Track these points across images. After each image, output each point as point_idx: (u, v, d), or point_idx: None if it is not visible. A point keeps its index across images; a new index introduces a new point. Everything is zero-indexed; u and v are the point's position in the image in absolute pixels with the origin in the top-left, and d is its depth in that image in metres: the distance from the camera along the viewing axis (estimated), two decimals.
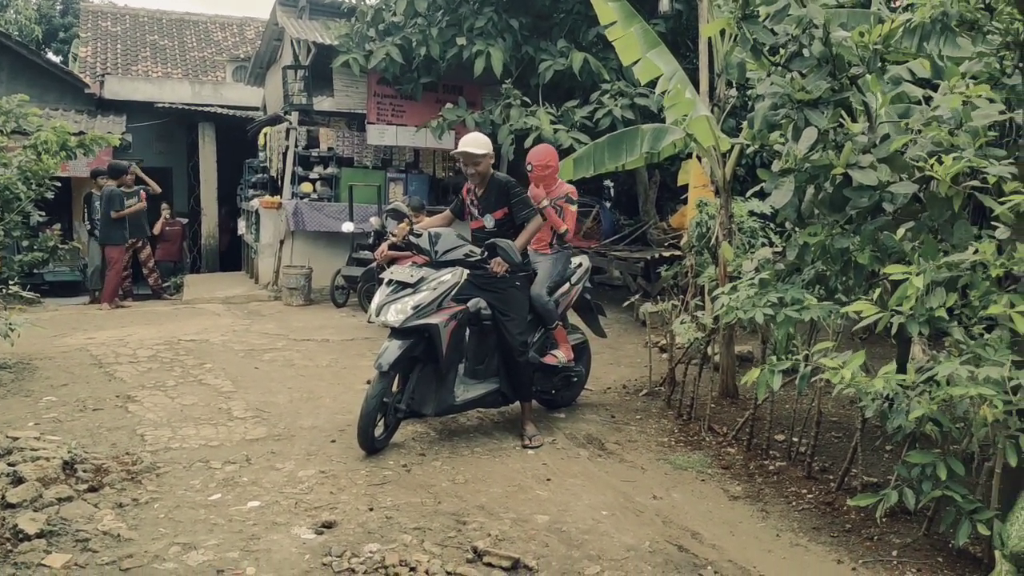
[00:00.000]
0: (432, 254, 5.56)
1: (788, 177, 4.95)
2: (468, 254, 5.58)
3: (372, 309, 5.41)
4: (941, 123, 4.73)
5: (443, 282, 5.38)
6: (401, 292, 5.35)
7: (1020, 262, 3.77)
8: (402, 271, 5.51)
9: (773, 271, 5.32)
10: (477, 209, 5.89)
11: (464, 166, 5.70)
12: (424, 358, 5.42)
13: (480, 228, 5.88)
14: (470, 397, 5.70)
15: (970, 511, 3.83)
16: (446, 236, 5.65)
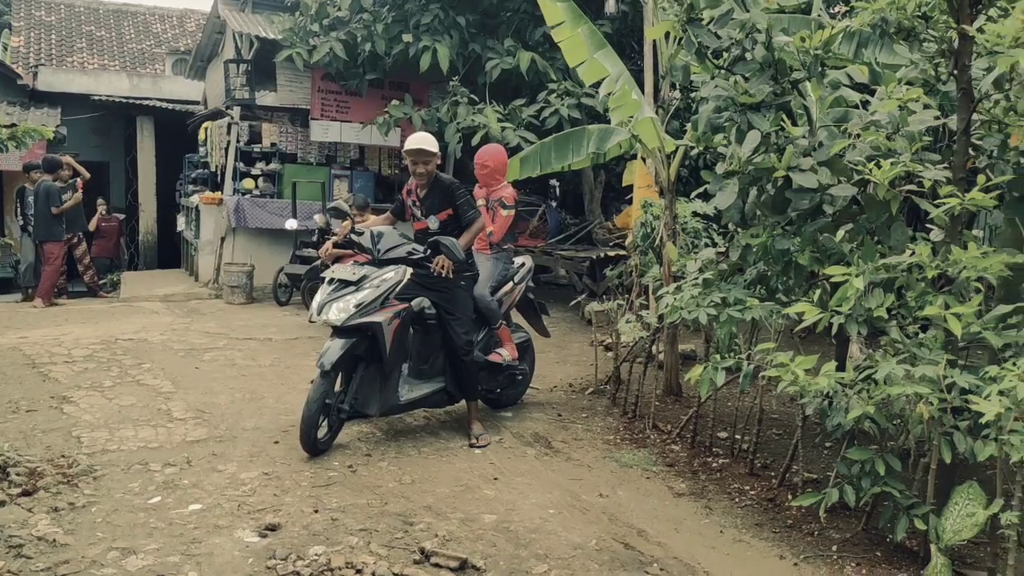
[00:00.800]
0: (375, 252, 5.49)
1: (732, 179, 5.03)
2: (411, 252, 5.51)
3: (313, 308, 5.32)
4: (879, 128, 4.85)
5: (386, 280, 5.32)
6: (343, 290, 5.27)
7: (954, 264, 3.89)
8: (344, 269, 5.43)
9: (716, 271, 5.40)
10: (420, 210, 5.78)
11: (413, 164, 5.58)
12: (367, 357, 5.35)
13: (424, 229, 5.79)
14: (415, 397, 5.64)
15: (907, 506, 3.94)
16: (388, 235, 5.56)
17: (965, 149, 4.12)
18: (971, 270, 3.83)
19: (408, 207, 5.88)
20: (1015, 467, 3.43)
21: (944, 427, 3.79)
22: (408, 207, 5.88)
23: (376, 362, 5.37)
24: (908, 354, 3.99)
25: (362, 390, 5.40)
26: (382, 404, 5.46)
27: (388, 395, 5.47)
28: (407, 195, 5.87)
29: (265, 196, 12.93)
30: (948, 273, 3.98)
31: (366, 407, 5.43)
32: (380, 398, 5.44)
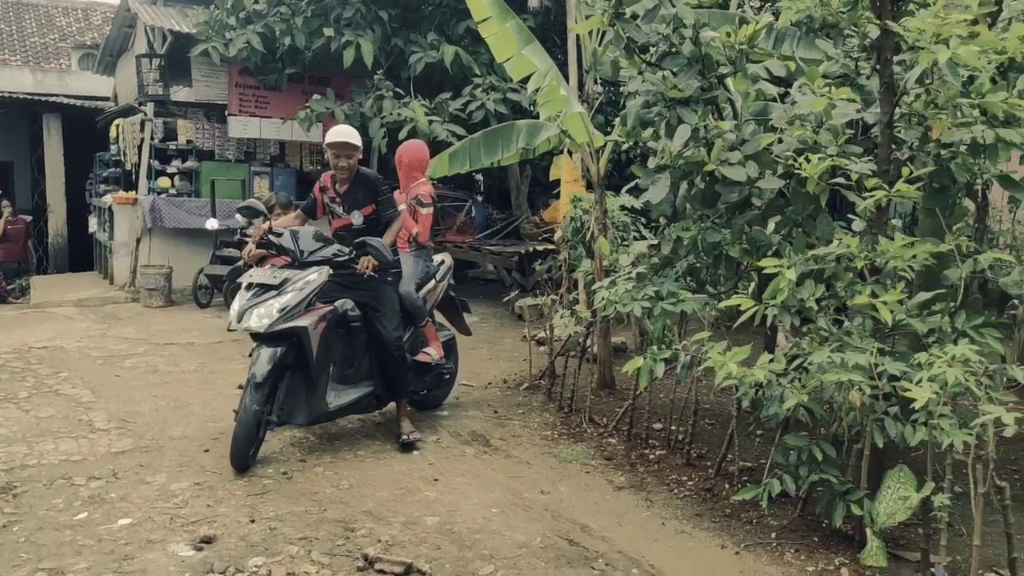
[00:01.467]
0: (297, 254, 5.24)
1: (664, 174, 5.07)
2: (336, 253, 5.30)
3: (233, 315, 5.04)
4: (804, 121, 4.95)
5: (309, 282, 5.09)
6: (264, 295, 5.02)
7: (882, 254, 4.00)
8: (263, 273, 5.17)
9: (649, 265, 5.45)
10: (341, 206, 5.54)
11: (335, 158, 5.36)
12: (294, 364, 5.12)
13: (346, 226, 5.53)
14: (343, 403, 5.44)
15: (843, 492, 4.04)
16: (308, 234, 5.32)
17: (889, 142, 4.24)
18: (898, 260, 3.94)
19: (323, 204, 5.63)
20: (945, 451, 3.54)
21: (876, 413, 3.90)
22: (323, 204, 5.63)
23: (302, 369, 5.16)
24: (838, 342, 4.09)
25: (289, 399, 5.16)
26: (309, 412, 5.24)
27: (316, 402, 5.26)
28: (321, 191, 5.61)
29: (182, 195, 12.54)
30: (876, 263, 4.09)
31: (293, 416, 5.20)
32: (307, 406, 5.22)
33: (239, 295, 5.13)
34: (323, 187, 5.57)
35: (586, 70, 7.79)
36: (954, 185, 4.26)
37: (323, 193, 5.58)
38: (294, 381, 5.18)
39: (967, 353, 3.53)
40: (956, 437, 3.46)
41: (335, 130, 5.43)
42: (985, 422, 3.23)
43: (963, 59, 3.53)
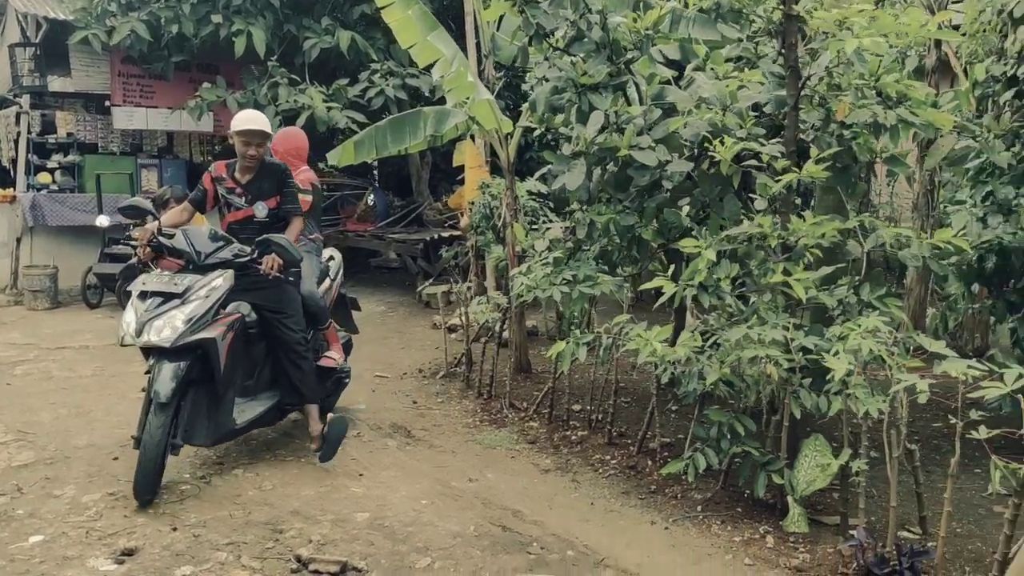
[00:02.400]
0: (194, 256, 4.70)
1: (579, 160, 5.12)
2: (238, 253, 4.76)
3: (129, 328, 4.44)
4: (709, 105, 5.08)
5: (215, 288, 4.60)
6: (165, 305, 4.47)
7: (794, 233, 4.16)
8: (159, 279, 4.59)
9: (565, 250, 5.51)
10: (243, 197, 5.00)
11: (244, 146, 4.85)
12: (198, 379, 4.60)
13: (248, 219, 5.00)
14: (250, 418, 4.95)
15: (763, 463, 4.20)
16: (203, 234, 4.81)
17: (795, 124, 4.40)
18: (809, 237, 4.11)
19: (217, 196, 5.07)
20: (861, 419, 3.72)
21: (793, 386, 4.06)
22: (217, 196, 5.07)
23: (207, 384, 4.65)
24: (755, 319, 4.23)
25: (192, 418, 4.62)
26: (216, 431, 4.75)
27: (222, 420, 4.77)
28: (214, 182, 5.03)
29: (65, 191, 11.88)
30: (787, 241, 4.24)
31: (195, 437, 4.68)
32: (213, 424, 4.73)
33: (133, 305, 4.55)
34: (217, 177, 5.03)
35: (485, 55, 7.79)
36: (856, 164, 4.46)
37: (217, 184, 5.03)
38: (198, 397, 4.66)
39: (878, 324, 3.72)
40: (871, 405, 3.64)
41: (245, 116, 4.97)
42: (900, 390, 3.40)
43: (869, 47, 3.69)
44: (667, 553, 3.91)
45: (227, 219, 5.10)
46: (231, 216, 5.07)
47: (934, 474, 4.56)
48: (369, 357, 7.83)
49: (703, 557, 3.87)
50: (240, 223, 5.03)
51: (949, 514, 3.47)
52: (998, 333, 7.44)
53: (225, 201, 5.05)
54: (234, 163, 4.98)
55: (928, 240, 4.32)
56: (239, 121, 4.92)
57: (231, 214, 5.06)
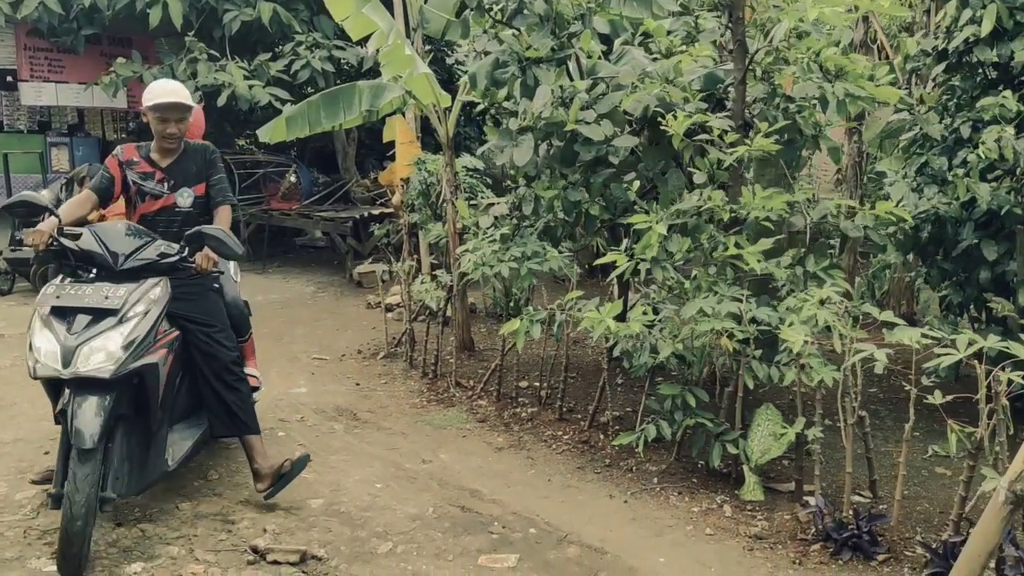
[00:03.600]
0: (110, 259, 3.73)
1: (527, 135, 5.06)
2: (164, 253, 3.89)
3: (46, 358, 3.49)
4: (651, 79, 5.07)
5: (155, 300, 3.75)
6: (98, 325, 3.55)
7: (745, 206, 4.20)
8: (79, 291, 3.63)
9: (512, 226, 5.46)
10: (163, 183, 4.16)
11: (162, 123, 4.06)
12: (124, 415, 3.69)
13: (167, 208, 4.17)
14: (182, 455, 4.10)
15: (717, 434, 4.26)
16: (118, 232, 3.90)
17: (742, 98, 4.43)
18: (759, 210, 4.15)
19: (126, 183, 4.18)
20: (815, 388, 3.80)
21: (746, 357, 4.12)
22: (126, 183, 4.18)
23: (134, 419, 3.78)
24: (706, 292, 4.27)
25: (120, 463, 3.67)
26: (146, 476, 3.85)
27: (153, 462, 3.88)
28: (123, 167, 4.18)
29: None
30: (739, 215, 4.28)
31: (129, 486, 3.73)
32: (142, 469, 3.81)
33: (48, 326, 3.54)
34: (126, 161, 4.18)
35: (413, 28, 7.63)
36: (800, 137, 4.53)
37: (126, 168, 4.17)
38: (127, 437, 3.75)
39: (831, 294, 3.79)
40: (825, 375, 3.72)
41: (160, 88, 4.12)
42: (858, 359, 3.47)
43: (827, 18, 3.73)
44: (628, 526, 3.94)
45: (139, 210, 4.20)
46: (145, 207, 4.19)
47: (876, 439, 4.70)
48: (305, 339, 7.66)
49: (664, 529, 3.91)
50: (157, 214, 4.17)
51: (904, 477, 3.58)
52: (922, 300, 7.72)
53: (138, 189, 4.16)
54: (147, 145, 4.23)
55: (871, 211, 4.42)
56: (153, 94, 4.09)
57: (145, 204, 4.18)
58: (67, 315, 3.57)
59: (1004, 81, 4.92)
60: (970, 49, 4.93)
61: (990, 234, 4.74)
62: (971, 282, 5.01)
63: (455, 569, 3.56)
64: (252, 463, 4.24)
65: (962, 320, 5.42)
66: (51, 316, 3.57)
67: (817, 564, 3.52)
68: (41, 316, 3.57)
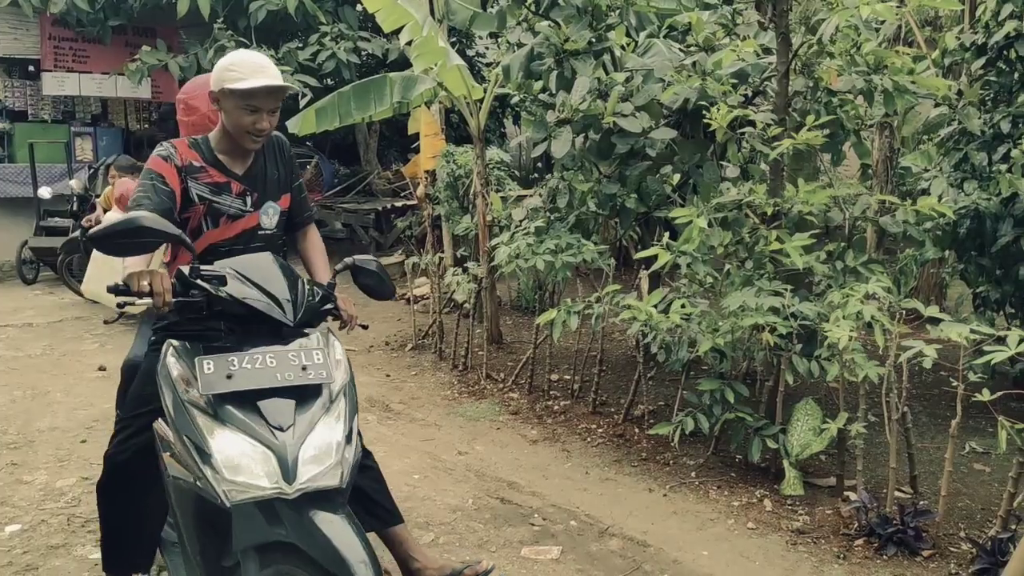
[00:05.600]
0: (284, 310, 2.47)
1: (565, 127, 5.05)
2: (313, 294, 2.64)
3: (259, 469, 2.20)
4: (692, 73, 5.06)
5: (344, 361, 2.59)
6: (307, 410, 2.34)
7: (787, 200, 4.18)
8: (264, 362, 2.35)
9: (546, 219, 5.46)
10: (243, 197, 2.85)
11: (251, 115, 2.69)
12: None
13: (249, 231, 2.87)
14: None
15: (757, 428, 4.25)
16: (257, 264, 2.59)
17: (786, 91, 4.40)
18: (804, 205, 4.14)
19: (193, 198, 2.76)
20: (859, 383, 3.79)
21: (787, 352, 4.11)
22: (193, 198, 2.76)
23: None
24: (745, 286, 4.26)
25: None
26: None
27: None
28: (182, 174, 2.76)
29: None
30: (781, 209, 4.27)
31: None
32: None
33: (234, 422, 2.26)
34: (186, 166, 2.77)
35: (438, 19, 7.62)
36: (842, 132, 4.50)
37: (188, 177, 2.77)
38: None
39: (876, 289, 3.78)
40: (870, 370, 3.70)
41: (246, 62, 2.71)
42: (908, 355, 3.46)
43: (880, 13, 3.71)
44: (670, 519, 3.94)
45: (208, 237, 2.82)
46: (219, 232, 2.82)
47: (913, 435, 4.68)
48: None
49: (706, 522, 3.91)
50: (234, 242, 2.83)
51: (949, 474, 3.57)
52: (951, 296, 7.69)
53: (208, 207, 2.79)
54: (204, 140, 2.86)
55: (912, 207, 4.39)
56: (239, 70, 2.67)
57: (220, 229, 2.82)
58: (251, 402, 2.30)
59: None
60: (1011, 44, 4.90)
61: None
62: (1009, 278, 4.99)
63: (499, 560, 3.57)
64: (410, 562, 3.09)
65: (998, 316, 5.39)
66: (231, 407, 2.28)
67: (862, 559, 3.51)
68: (206, 408, 2.27)
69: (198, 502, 2.31)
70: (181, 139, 2.87)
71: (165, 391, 2.38)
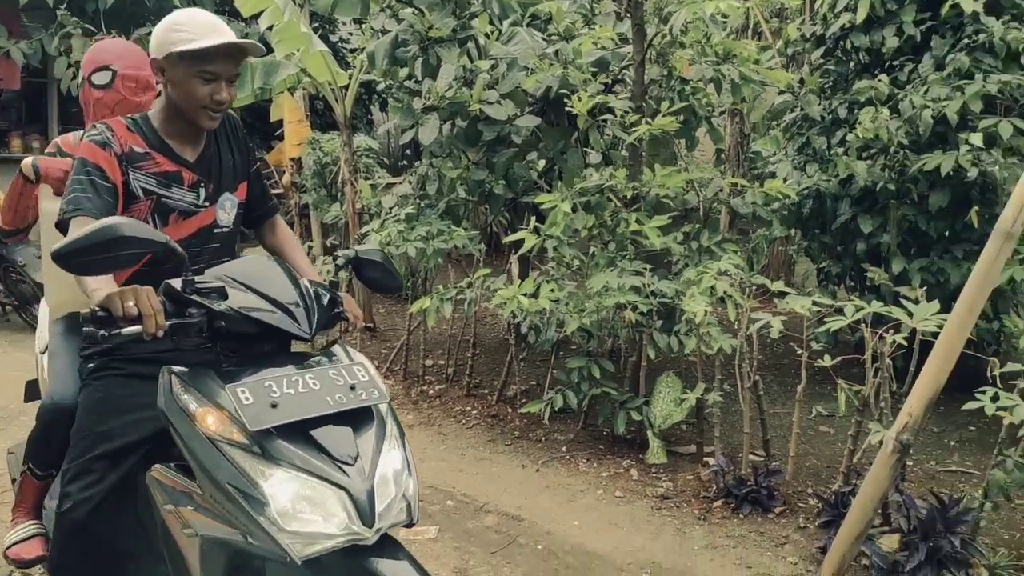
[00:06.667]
0: (300, 320, 2.00)
1: (432, 115, 5.10)
2: (336, 298, 2.20)
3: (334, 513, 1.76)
4: (553, 61, 5.21)
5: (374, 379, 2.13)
6: (361, 437, 1.91)
7: (646, 184, 4.38)
8: (306, 384, 1.91)
9: (416, 206, 5.50)
10: (196, 189, 2.36)
11: (206, 84, 2.21)
12: None
13: (205, 229, 2.40)
14: None
15: (622, 402, 4.45)
16: (257, 270, 2.08)
17: (642, 79, 4.60)
18: (661, 188, 4.35)
19: (136, 192, 2.27)
20: (714, 355, 4.03)
21: (648, 328, 4.33)
22: (136, 192, 2.27)
23: None
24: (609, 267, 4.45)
25: None
26: None
27: None
28: (125, 163, 2.25)
29: None
30: (640, 193, 4.47)
31: None
32: None
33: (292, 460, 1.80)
34: (127, 154, 2.26)
35: (299, 4, 7.51)
36: (695, 118, 4.75)
37: (130, 167, 2.26)
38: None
39: (728, 266, 4.02)
40: (723, 343, 3.95)
41: (195, 20, 2.23)
42: (757, 327, 3.71)
43: (723, 9, 3.93)
44: (542, 493, 4.08)
45: (178, 233, 2.36)
46: (170, 233, 2.25)
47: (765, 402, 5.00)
48: None
49: (576, 494, 4.07)
50: (189, 243, 2.32)
51: (797, 435, 3.86)
52: (798, 272, 8.20)
53: (156, 202, 2.30)
54: (143, 120, 2.33)
55: (760, 189, 4.69)
56: (188, 31, 2.19)
57: (170, 228, 2.33)
58: (299, 433, 1.85)
59: (877, 65, 5.28)
60: (846, 35, 5.27)
61: (865, 209, 5.10)
62: (848, 254, 5.38)
63: None
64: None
65: (839, 290, 5.81)
66: (281, 442, 1.83)
67: (720, 519, 3.75)
68: (249, 446, 1.80)
69: (234, 561, 1.87)
70: (116, 119, 2.31)
71: (181, 431, 1.89)
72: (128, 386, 2.27)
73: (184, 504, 1.98)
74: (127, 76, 2.95)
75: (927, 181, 4.73)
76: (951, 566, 3.10)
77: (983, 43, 4.57)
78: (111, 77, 2.96)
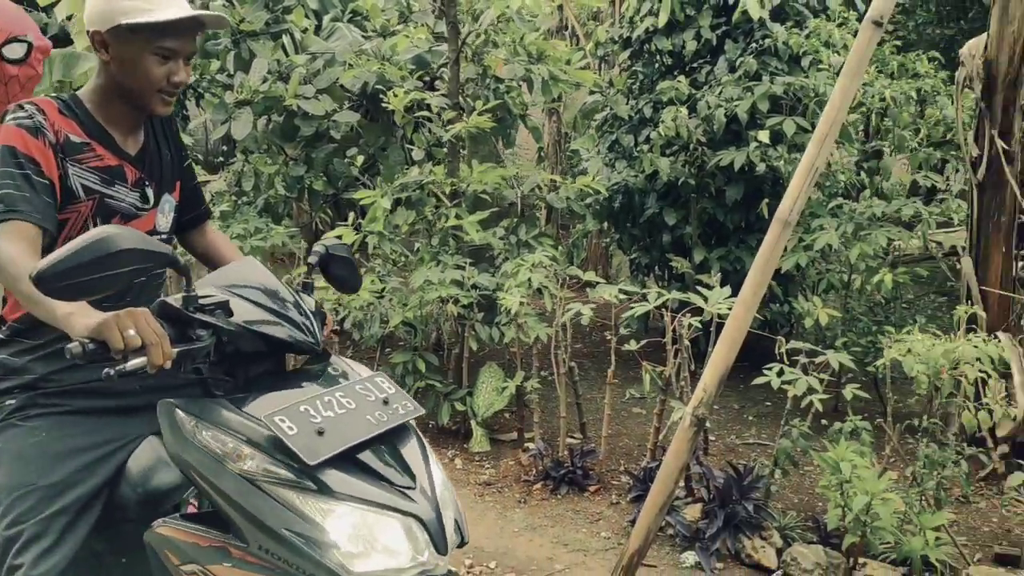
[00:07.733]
0: (304, 332, 1.76)
1: (245, 109, 4.99)
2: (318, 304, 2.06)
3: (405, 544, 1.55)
4: (371, 57, 5.22)
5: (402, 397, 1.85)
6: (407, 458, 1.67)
7: (464, 180, 4.48)
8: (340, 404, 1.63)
9: (232, 203, 5.36)
10: (143, 187, 1.96)
11: (161, 64, 1.83)
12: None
13: (149, 234, 1.87)
14: None
15: (446, 394, 4.54)
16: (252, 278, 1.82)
17: (457, 77, 4.70)
18: (478, 184, 4.46)
19: (75, 190, 1.83)
20: (531, 344, 4.19)
21: (470, 321, 4.44)
22: (75, 190, 1.83)
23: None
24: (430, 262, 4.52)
25: None
26: None
27: None
28: (60, 154, 1.79)
29: None
30: (459, 189, 4.57)
31: None
32: None
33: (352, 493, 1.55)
34: (62, 143, 1.80)
35: None
36: (510, 116, 4.90)
37: (68, 160, 1.81)
38: None
39: (543, 259, 4.19)
40: (540, 331, 4.12)
41: None
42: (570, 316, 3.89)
43: (531, 8, 4.08)
44: None
45: None
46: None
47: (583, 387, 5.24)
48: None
49: None
50: None
51: (609, 417, 4.08)
52: (615, 263, 8.60)
53: (98, 202, 1.88)
54: (74, 101, 1.89)
55: (572, 185, 4.90)
56: None
57: (120, 223, 1.94)
58: (346, 459, 1.62)
59: (678, 67, 5.61)
60: (650, 38, 5.58)
61: (670, 203, 5.43)
62: (655, 245, 5.71)
63: None
64: None
65: (649, 279, 6.15)
66: (334, 471, 1.59)
67: (540, 500, 3.92)
68: (298, 482, 1.54)
69: None
70: (45, 99, 1.84)
71: (209, 476, 1.58)
72: (74, 424, 1.88)
73: (217, 561, 1.63)
74: (40, 48, 2.47)
75: (724, 176, 5.10)
76: (747, 530, 3.38)
77: (769, 47, 4.97)
78: (27, 50, 2.43)
